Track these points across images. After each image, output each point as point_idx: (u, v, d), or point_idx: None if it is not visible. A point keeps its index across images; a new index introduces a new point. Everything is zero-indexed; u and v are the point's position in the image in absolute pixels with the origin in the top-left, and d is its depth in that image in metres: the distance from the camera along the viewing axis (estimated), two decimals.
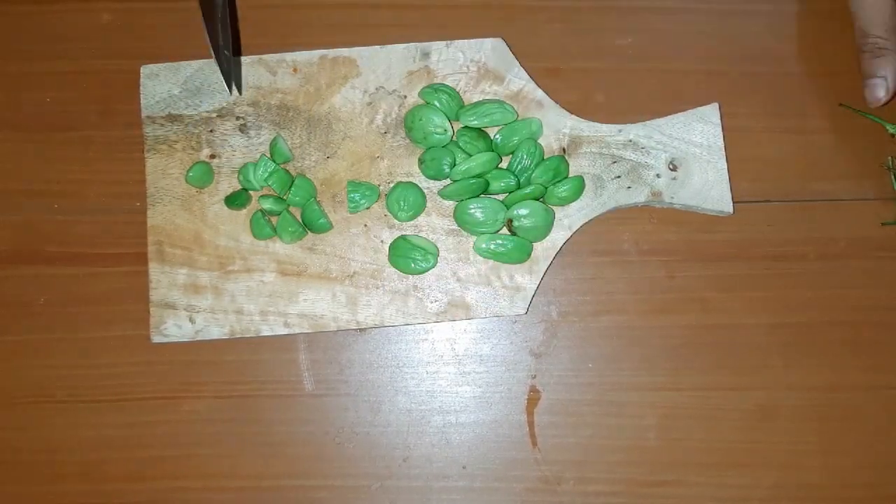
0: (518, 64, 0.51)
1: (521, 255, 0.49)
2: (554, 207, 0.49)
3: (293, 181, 0.49)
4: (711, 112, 0.50)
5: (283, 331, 0.49)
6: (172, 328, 0.48)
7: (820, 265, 0.50)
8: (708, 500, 0.48)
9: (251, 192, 0.49)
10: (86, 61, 0.52)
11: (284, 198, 0.49)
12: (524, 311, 0.49)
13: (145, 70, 0.50)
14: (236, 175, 0.50)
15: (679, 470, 0.48)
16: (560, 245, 0.49)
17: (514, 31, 0.52)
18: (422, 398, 0.49)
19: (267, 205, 0.48)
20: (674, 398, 0.49)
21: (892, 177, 0.51)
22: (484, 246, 0.48)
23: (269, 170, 0.49)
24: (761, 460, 0.48)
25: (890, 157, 0.51)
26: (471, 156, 0.49)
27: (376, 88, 0.50)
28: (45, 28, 0.52)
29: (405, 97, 0.50)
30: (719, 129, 0.50)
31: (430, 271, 0.49)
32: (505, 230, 0.49)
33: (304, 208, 0.49)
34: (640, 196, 0.49)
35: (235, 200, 0.49)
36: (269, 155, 0.49)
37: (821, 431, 0.49)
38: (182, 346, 0.49)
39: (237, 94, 0.50)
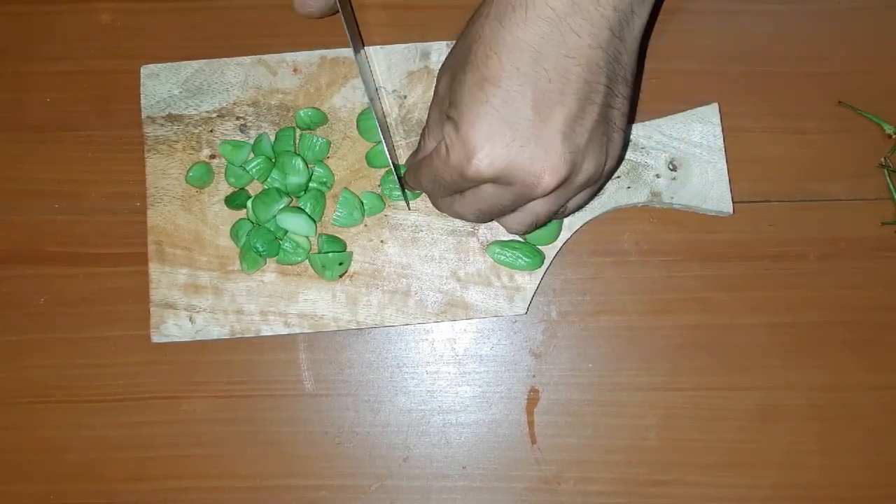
0: None
1: (534, 263, 0.49)
2: None
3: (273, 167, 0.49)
4: (711, 112, 0.50)
5: (283, 331, 0.49)
6: (173, 328, 0.48)
7: (820, 265, 0.50)
8: (708, 500, 0.48)
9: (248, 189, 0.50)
10: (86, 61, 0.52)
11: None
12: (524, 311, 0.49)
13: (145, 70, 0.50)
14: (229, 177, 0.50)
15: (679, 470, 0.48)
16: (560, 245, 0.49)
17: None
18: (422, 398, 0.49)
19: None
20: (674, 398, 0.49)
21: (887, 175, 0.51)
22: (498, 251, 0.49)
23: (257, 160, 0.49)
24: (761, 460, 0.48)
25: (884, 157, 0.51)
26: None
27: (376, 88, 0.50)
28: (45, 28, 0.52)
29: (405, 97, 0.50)
30: (719, 129, 0.50)
31: (427, 272, 0.49)
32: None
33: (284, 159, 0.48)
34: (640, 196, 0.49)
35: (235, 200, 0.49)
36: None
37: (821, 431, 0.49)
38: (182, 346, 0.49)
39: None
